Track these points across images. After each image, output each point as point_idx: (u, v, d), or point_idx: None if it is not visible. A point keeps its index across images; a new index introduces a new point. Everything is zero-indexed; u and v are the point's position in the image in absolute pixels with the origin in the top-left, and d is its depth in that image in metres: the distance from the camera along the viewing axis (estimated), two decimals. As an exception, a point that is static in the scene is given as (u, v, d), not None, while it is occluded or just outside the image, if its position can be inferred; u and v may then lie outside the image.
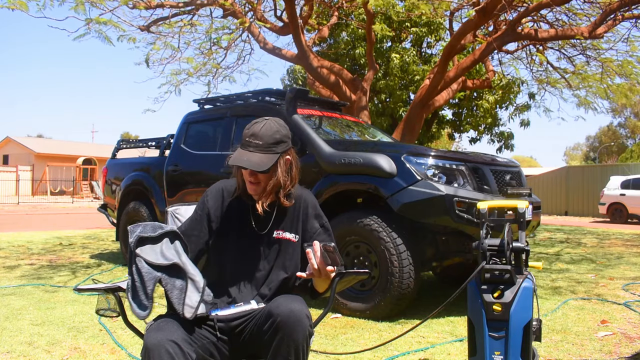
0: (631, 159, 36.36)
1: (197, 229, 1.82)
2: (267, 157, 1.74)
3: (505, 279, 2.04)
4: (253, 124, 1.79)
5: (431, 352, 2.91)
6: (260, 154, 1.74)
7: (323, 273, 1.64)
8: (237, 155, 1.75)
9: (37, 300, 4.20)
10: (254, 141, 1.75)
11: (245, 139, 1.77)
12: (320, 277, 1.66)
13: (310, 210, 1.88)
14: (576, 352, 2.92)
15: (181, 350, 1.47)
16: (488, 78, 9.73)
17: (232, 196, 1.88)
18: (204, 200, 1.87)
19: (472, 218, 3.51)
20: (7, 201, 24.43)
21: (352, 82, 8.29)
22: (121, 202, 6.18)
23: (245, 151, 1.75)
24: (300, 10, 8.42)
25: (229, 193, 1.88)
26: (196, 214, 1.86)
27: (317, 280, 1.74)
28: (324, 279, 1.71)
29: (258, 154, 1.74)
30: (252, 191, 1.80)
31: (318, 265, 1.63)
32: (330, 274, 1.66)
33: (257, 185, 1.78)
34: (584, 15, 7.92)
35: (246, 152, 1.75)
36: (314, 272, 1.65)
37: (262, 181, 1.77)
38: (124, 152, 7.13)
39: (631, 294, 4.47)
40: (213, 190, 1.90)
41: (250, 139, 1.76)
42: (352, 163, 3.85)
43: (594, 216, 17.73)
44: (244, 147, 1.76)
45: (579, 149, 64.86)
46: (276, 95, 5.10)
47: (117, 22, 6.35)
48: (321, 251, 1.63)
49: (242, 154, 1.75)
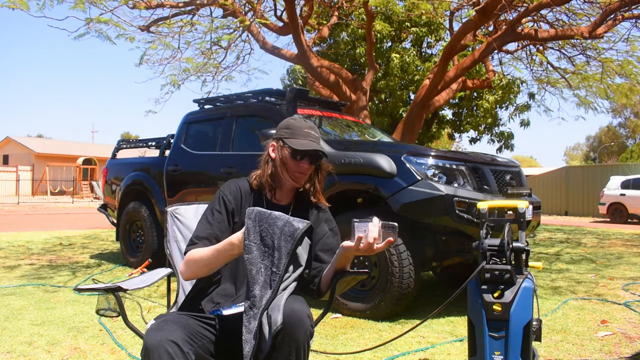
0: (631, 159, 36.35)
1: (225, 229, 1.78)
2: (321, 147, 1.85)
3: (505, 279, 2.04)
4: (298, 120, 1.88)
5: (431, 352, 2.91)
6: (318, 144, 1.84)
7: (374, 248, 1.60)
8: (306, 142, 1.81)
9: (37, 300, 4.20)
10: (311, 132, 1.84)
11: (303, 130, 1.84)
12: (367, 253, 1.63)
13: (321, 214, 1.92)
14: (576, 352, 2.92)
15: (181, 350, 1.47)
16: (488, 78, 9.73)
17: (247, 195, 1.87)
18: (223, 199, 1.83)
19: (472, 218, 3.51)
20: (7, 201, 24.42)
21: (352, 82, 8.29)
22: (121, 202, 6.19)
23: (308, 140, 1.81)
24: (300, 10, 8.42)
25: (245, 192, 1.88)
26: (218, 214, 1.80)
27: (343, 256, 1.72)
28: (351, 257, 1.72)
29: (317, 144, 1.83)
30: (300, 180, 1.85)
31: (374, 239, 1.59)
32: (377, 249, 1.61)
33: (305, 175, 1.85)
34: (584, 15, 7.92)
35: (309, 141, 1.81)
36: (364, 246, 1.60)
37: (309, 170, 1.86)
38: (124, 152, 7.13)
39: (631, 294, 4.47)
40: (230, 188, 1.88)
41: (309, 131, 1.84)
42: (352, 163, 3.85)
43: (594, 216, 17.73)
44: (304, 137, 1.82)
45: (579, 149, 64.89)
46: (276, 95, 5.10)
47: (118, 22, 6.35)
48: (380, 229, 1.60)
49: (307, 142, 1.81)
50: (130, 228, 6.06)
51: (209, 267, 1.68)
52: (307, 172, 1.85)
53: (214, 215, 1.80)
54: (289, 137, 1.82)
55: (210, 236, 1.73)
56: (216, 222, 1.78)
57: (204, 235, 1.74)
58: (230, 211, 1.82)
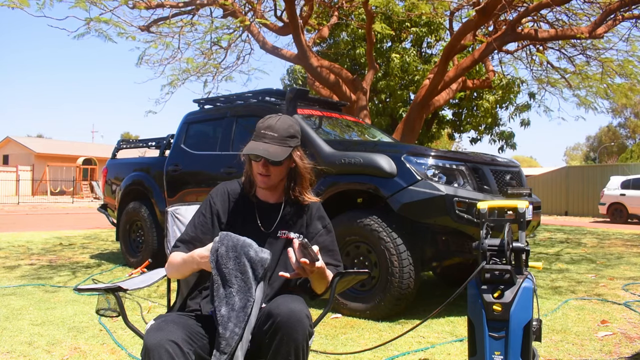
0: (631, 159, 36.35)
1: (209, 232, 1.81)
2: (281, 149, 1.76)
3: (505, 279, 2.04)
4: (267, 118, 1.82)
5: (431, 352, 2.91)
6: (275, 145, 1.76)
7: (308, 270, 1.61)
8: (252, 145, 1.76)
9: (37, 300, 4.20)
10: (269, 133, 1.77)
11: (260, 131, 1.78)
12: (305, 275, 1.65)
13: (314, 212, 1.91)
14: (576, 352, 2.92)
15: (181, 350, 1.47)
16: (488, 78, 9.73)
17: (237, 196, 1.88)
18: (210, 202, 1.87)
19: (472, 218, 3.51)
20: (7, 201, 24.42)
21: (352, 82, 8.29)
22: (121, 202, 6.19)
23: (259, 142, 1.76)
24: (300, 10, 8.42)
25: (234, 193, 1.89)
26: (204, 216, 1.84)
27: (313, 281, 1.75)
28: (318, 280, 1.72)
29: (274, 145, 1.75)
30: (263, 184, 1.81)
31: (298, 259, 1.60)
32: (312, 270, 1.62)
33: (267, 178, 1.80)
34: (584, 15, 7.92)
35: (261, 143, 1.76)
36: (298, 271, 1.62)
37: (273, 174, 1.80)
38: (124, 152, 7.13)
39: (631, 294, 4.47)
40: (217, 191, 1.90)
41: (266, 131, 1.77)
42: (352, 163, 3.85)
43: (594, 216, 17.73)
44: (258, 139, 1.78)
45: (579, 149, 64.91)
46: (276, 95, 5.10)
47: (118, 22, 6.36)
48: (299, 247, 1.61)
49: (256, 144, 1.76)
50: (130, 228, 6.06)
51: (180, 273, 1.78)
52: (267, 173, 1.78)
53: (199, 219, 1.85)
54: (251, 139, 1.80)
55: (193, 239, 1.80)
56: (200, 226, 1.83)
57: (188, 239, 1.81)
58: (215, 214, 1.84)
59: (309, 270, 1.62)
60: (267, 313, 1.57)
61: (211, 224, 1.83)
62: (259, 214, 1.86)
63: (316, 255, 1.61)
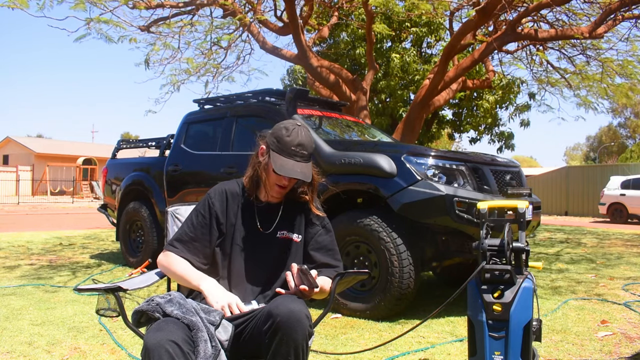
0: (631, 159, 36.36)
1: (207, 232, 1.82)
2: (309, 167, 1.81)
3: (505, 279, 2.04)
4: (291, 132, 1.80)
5: (431, 352, 2.91)
6: (305, 163, 1.80)
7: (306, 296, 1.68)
8: (288, 165, 1.76)
9: (37, 300, 4.20)
10: (301, 151, 1.79)
11: (290, 147, 1.78)
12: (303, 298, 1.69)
13: (313, 213, 1.92)
14: (576, 352, 2.92)
15: (181, 350, 1.47)
16: (488, 78, 9.73)
17: (235, 196, 1.89)
18: (208, 203, 1.87)
19: (472, 218, 3.51)
20: (7, 201, 24.42)
21: (352, 82, 8.29)
22: (121, 202, 6.19)
23: (292, 161, 1.77)
24: (300, 10, 8.42)
25: (232, 194, 1.89)
26: (202, 217, 1.84)
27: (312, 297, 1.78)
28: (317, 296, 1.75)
29: (305, 163, 1.79)
30: (279, 194, 1.86)
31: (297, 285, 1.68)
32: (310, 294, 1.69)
33: (285, 189, 1.85)
34: (584, 15, 7.92)
35: (294, 162, 1.78)
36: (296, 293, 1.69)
37: (290, 185, 1.85)
38: (124, 152, 7.13)
39: (631, 294, 4.47)
40: (216, 192, 1.90)
41: (297, 149, 1.78)
42: (352, 163, 3.85)
43: (594, 216, 17.72)
44: (289, 157, 1.77)
45: (579, 149, 64.90)
46: (276, 95, 5.10)
47: (118, 22, 6.36)
48: (298, 273, 1.68)
49: (292, 165, 1.77)
50: (130, 228, 6.06)
51: (176, 279, 1.82)
52: (288, 187, 1.85)
53: (197, 218, 1.85)
54: (275, 151, 1.79)
55: (192, 240, 1.81)
56: (199, 226, 1.84)
57: (187, 239, 1.82)
58: (214, 215, 1.84)
59: (307, 295, 1.68)
60: (267, 313, 1.57)
61: (210, 224, 1.83)
62: (258, 214, 1.87)
63: (315, 282, 1.65)
